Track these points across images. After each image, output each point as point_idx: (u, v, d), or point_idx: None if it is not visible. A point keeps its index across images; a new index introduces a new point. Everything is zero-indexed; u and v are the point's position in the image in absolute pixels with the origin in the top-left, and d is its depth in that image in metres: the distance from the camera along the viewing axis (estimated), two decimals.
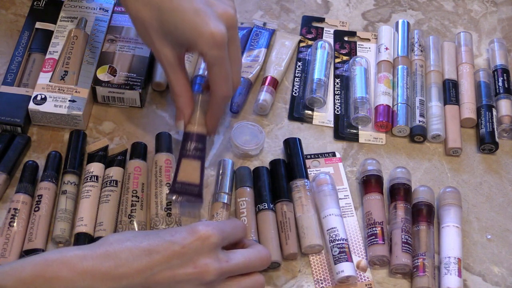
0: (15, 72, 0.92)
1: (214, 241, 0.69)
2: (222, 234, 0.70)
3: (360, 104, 0.94)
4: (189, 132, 0.85)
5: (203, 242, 0.68)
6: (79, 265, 0.64)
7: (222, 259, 0.69)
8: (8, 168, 0.85)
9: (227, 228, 0.73)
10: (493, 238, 0.87)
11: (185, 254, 0.67)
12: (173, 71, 0.82)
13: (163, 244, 0.67)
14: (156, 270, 0.66)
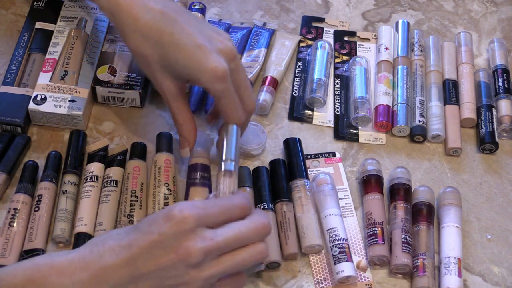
0: (15, 72, 0.92)
1: (191, 225, 0.65)
2: (203, 217, 0.67)
3: (360, 104, 0.94)
4: (195, 163, 0.86)
5: (179, 226, 0.65)
6: (67, 269, 0.65)
7: (206, 237, 0.66)
8: (8, 168, 0.85)
9: (213, 209, 0.69)
10: (493, 238, 0.87)
11: (164, 241, 0.65)
12: (175, 102, 0.83)
13: (141, 235, 0.65)
14: (139, 263, 0.65)
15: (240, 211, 0.71)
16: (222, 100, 0.80)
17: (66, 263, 0.65)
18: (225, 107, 0.81)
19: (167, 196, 0.84)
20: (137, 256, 0.65)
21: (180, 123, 0.84)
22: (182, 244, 0.65)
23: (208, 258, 0.67)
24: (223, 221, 0.70)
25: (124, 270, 0.65)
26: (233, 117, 0.82)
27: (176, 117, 0.84)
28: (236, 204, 0.71)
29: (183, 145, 0.85)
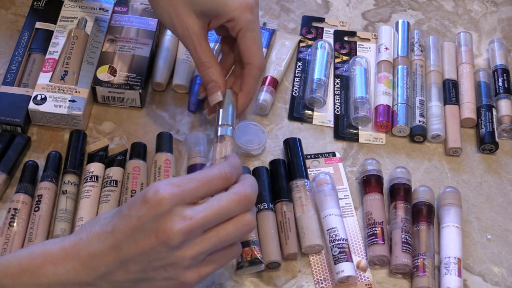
0: (15, 72, 0.92)
1: (167, 203, 0.63)
2: (178, 191, 0.64)
3: (360, 104, 0.94)
4: (195, 164, 0.86)
5: (156, 208, 0.63)
6: (60, 258, 0.64)
7: (185, 217, 0.63)
8: (8, 168, 0.85)
9: (191, 184, 0.65)
10: (493, 238, 0.87)
11: (143, 225, 0.63)
12: (199, 43, 0.80)
13: (123, 221, 0.64)
14: (124, 248, 0.64)
15: (222, 181, 0.67)
16: (248, 34, 0.78)
17: (59, 252, 0.65)
18: (250, 42, 0.79)
19: None
20: (120, 242, 0.64)
21: (208, 66, 0.80)
22: (160, 227, 0.63)
23: (190, 237, 0.64)
24: (204, 195, 0.66)
25: (111, 256, 0.64)
26: (257, 57, 0.80)
27: (202, 59, 0.80)
28: (216, 174, 0.67)
29: (214, 89, 0.80)
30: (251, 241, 0.81)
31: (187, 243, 0.64)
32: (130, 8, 0.99)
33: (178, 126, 0.93)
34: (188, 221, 0.64)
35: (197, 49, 0.80)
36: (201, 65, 0.81)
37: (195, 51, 0.81)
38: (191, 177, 0.67)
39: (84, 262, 0.64)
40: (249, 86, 0.83)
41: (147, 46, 0.95)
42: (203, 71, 0.81)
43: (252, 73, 0.82)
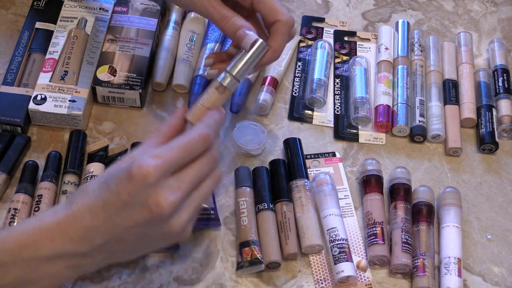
0: (15, 72, 0.92)
1: (153, 176, 0.64)
2: (161, 163, 0.65)
3: (360, 104, 0.94)
4: None
5: (143, 183, 0.64)
6: (57, 232, 0.65)
7: (172, 188, 0.65)
8: (8, 168, 0.85)
9: (172, 153, 0.66)
10: (493, 238, 0.87)
11: (134, 200, 0.64)
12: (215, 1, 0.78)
13: (112, 196, 0.65)
14: (117, 221, 0.65)
15: (201, 144, 0.69)
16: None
17: (54, 226, 0.66)
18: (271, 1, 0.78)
19: None
20: (113, 216, 0.65)
21: (231, 16, 0.77)
22: (152, 200, 0.64)
23: (181, 205, 0.66)
24: (186, 161, 0.68)
25: (106, 229, 0.65)
26: (282, 11, 0.78)
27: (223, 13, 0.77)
28: (195, 138, 0.68)
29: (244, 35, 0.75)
30: (251, 241, 0.81)
31: (178, 210, 0.66)
32: (130, 8, 0.99)
33: None
34: (176, 191, 0.65)
35: (213, 3, 0.78)
36: (223, 18, 0.78)
37: (212, 6, 0.78)
38: (171, 146, 0.67)
39: (80, 235, 0.65)
40: (278, 42, 0.80)
41: (147, 46, 0.95)
42: (226, 23, 0.77)
43: (282, 29, 0.79)
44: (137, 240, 0.67)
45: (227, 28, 0.78)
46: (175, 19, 1.00)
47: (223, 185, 0.88)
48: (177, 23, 1.00)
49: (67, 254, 0.66)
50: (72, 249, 0.66)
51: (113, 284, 0.80)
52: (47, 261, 0.66)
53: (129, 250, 0.69)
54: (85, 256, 0.67)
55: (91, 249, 0.66)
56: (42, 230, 0.66)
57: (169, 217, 0.66)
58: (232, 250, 0.83)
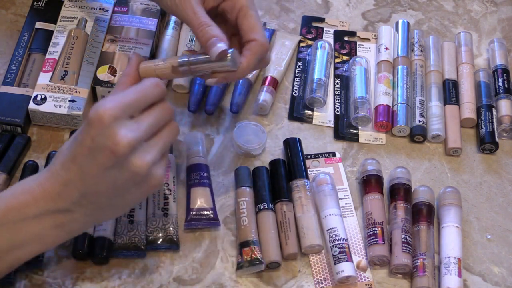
0: (15, 72, 0.92)
1: (109, 119, 0.66)
2: (119, 107, 0.67)
3: (360, 104, 0.94)
4: (193, 163, 0.86)
5: (100, 125, 0.66)
6: (39, 192, 0.69)
7: (129, 127, 0.67)
8: (8, 168, 0.85)
9: (127, 96, 0.69)
10: (493, 238, 0.87)
11: (96, 144, 0.66)
12: (198, 5, 0.78)
13: (78, 146, 0.68)
14: (88, 170, 0.67)
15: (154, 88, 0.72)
16: (250, 12, 0.79)
17: (37, 188, 0.69)
18: (254, 19, 0.79)
19: (167, 196, 0.84)
20: (82, 165, 0.68)
21: (208, 24, 0.77)
22: (110, 140, 0.66)
23: (138, 144, 0.68)
24: (142, 105, 0.70)
25: (79, 181, 0.68)
26: (261, 32, 0.79)
27: (201, 19, 0.77)
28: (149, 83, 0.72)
29: (216, 42, 0.75)
30: (251, 241, 0.81)
31: (139, 149, 0.68)
32: (130, 8, 0.99)
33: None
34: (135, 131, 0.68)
35: (195, 10, 0.78)
36: (200, 25, 0.77)
37: (193, 12, 0.78)
38: (125, 91, 0.71)
39: (59, 192, 0.68)
40: (248, 61, 0.78)
41: (147, 46, 0.95)
42: (202, 30, 0.77)
43: (256, 49, 0.79)
44: (111, 189, 0.69)
45: (201, 35, 0.77)
46: (175, 19, 1.00)
47: (223, 185, 0.88)
48: (177, 23, 1.00)
49: (50, 211, 0.69)
50: (54, 206, 0.68)
51: (113, 284, 0.80)
52: (33, 221, 0.69)
53: (108, 204, 0.70)
54: (67, 212, 0.69)
55: (71, 204, 0.69)
56: (25, 192, 0.69)
57: (130, 156, 0.67)
58: (232, 250, 0.83)
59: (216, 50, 0.75)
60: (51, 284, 0.79)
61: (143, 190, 0.70)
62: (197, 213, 0.83)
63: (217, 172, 0.89)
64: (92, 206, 0.69)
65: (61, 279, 0.80)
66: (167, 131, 0.72)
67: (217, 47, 0.75)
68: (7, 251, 0.69)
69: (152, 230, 0.82)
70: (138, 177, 0.68)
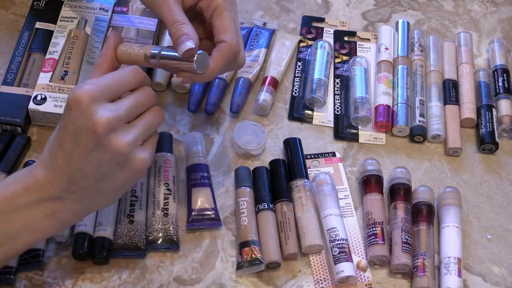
0: (15, 72, 0.92)
1: (88, 100, 0.67)
2: (97, 89, 0.68)
3: (360, 104, 0.94)
4: (193, 163, 0.86)
5: (78, 107, 0.67)
6: (30, 182, 0.70)
7: (107, 108, 0.68)
8: (8, 168, 0.85)
9: (105, 80, 0.71)
10: (493, 238, 0.87)
11: (77, 127, 0.68)
12: (174, 3, 0.78)
13: (61, 132, 0.69)
14: (72, 155, 0.68)
15: (133, 75, 0.73)
16: (225, 13, 0.78)
17: (28, 178, 0.70)
18: (228, 20, 0.78)
19: (167, 196, 0.84)
20: (68, 150, 0.69)
21: (182, 22, 0.76)
22: (90, 121, 0.67)
23: (119, 125, 0.69)
24: (120, 89, 0.72)
25: (65, 165, 0.69)
26: (232, 34, 0.77)
27: (176, 17, 0.76)
28: (128, 69, 0.73)
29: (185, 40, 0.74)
30: (251, 241, 0.81)
31: (119, 129, 0.69)
32: (130, 8, 0.99)
33: (178, 126, 0.93)
34: (113, 110, 0.69)
35: (171, 7, 0.77)
36: (174, 23, 0.76)
37: (168, 9, 0.77)
38: (105, 76, 0.72)
39: (49, 179, 0.69)
40: (216, 63, 0.77)
41: None
42: (175, 27, 0.76)
43: (224, 51, 0.77)
44: (96, 172, 0.69)
45: (173, 32, 0.76)
46: None
47: (223, 185, 0.88)
48: None
49: (41, 200, 0.69)
50: (44, 195, 0.69)
51: (113, 284, 0.80)
52: (24, 210, 0.69)
53: (97, 189, 0.71)
54: (58, 200, 0.70)
55: (61, 191, 0.69)
56: (17, 182, 0.70)
57: (110, 135, 0.68)
58: (232, 250, 0.83)
59: (183, 47, 0.74)
60: (51, 284, 0.79)
61: (128, 173, 0.71)
62: (199, 214, 0.83)
63: (217, 172, 0.89)
64: (81, 192, 0.70)
65: (61, 279, 0.80)
66: (149, 114, 0.73)
67: (185, 45, 0.74)
68: (0, 242, 0.70)
69: (152, 230, 0.82)
70: (120, 157, 0.69)
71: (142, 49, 0.77)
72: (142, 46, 0.77)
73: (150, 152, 0.72)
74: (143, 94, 0.73)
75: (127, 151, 0.69)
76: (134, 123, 0.71)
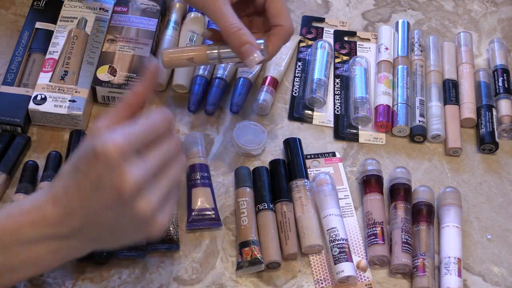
0: (15, 72, 0.92)
1: (117, 153, 0.63)
2: (127, 142, 0.65)
3: (360, 104, 0.94)
4: (194, 163, 0.86)
5: (108, 161, 0.64)
6: (37, 217, 0.66)
7: (139, 164, 0.65)
8: (8, 168, 0.85)
9: (134, 130, 0.66)
10: (493, 238, 0.87)
11: (101, 180, 0.64)
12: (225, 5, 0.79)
13: (82, 177, 0.65)
14: (91, 203, 0.65)
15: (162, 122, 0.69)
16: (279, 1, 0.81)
17: (34, 211, 0.66)
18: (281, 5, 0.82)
19: None
20: (87, 197, 0.65)
21: (238, 27, 0.79)
22: (117, 178, 0.64)
23: (145, 185, 0.66)
24: (150, 139, 0.68)
25: (81, 211, 0.66)
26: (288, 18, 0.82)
27: (230, 21, 0.78)
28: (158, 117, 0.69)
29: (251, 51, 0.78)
30: (251, 241, 0.81)
31: (145, 190, 0.66)
32: (130, 8, 0.99)
33: (178, 126, 0.93)
34: (142, 167, 0.65)
35: (223, 10, 0.79)
36: (230, 27, 0.79)
37: (221, 13, 0.79)
38: (134, 125, 0.67)
39: (59, 219, 0.66)
40: (274, 46, 0.83)
41: (147, 46, 0.95)
42: (233, 34, 0.79)
43: (281, 34, 0.83)
44: (113, 224, 0.67)
45: (232, 38, 0.79)
46: (175, 19, 1.00)
47: (223, 185, 0.88)
48: (177, 23, 1.00)
49: (48, 237, 0.66)
50: (52, 232, 0.66)
51: (113, 284, 0.80)
52: (29, 245, 0.66)
53: (108, 237, 0.68)
54: (65, 239, 0.67)
55: (70, 231, 0.66)
56: (23, 214, 0.66)
57: (136, 195, 0.65)
58: (232, 250, 0.83)
59: (253, 60, 0.78)
60: (51, 284, 0.79)
61: (144, 233, 0.68)
62: (199, 214, 0.83)
63: (217, 172, 0.89)
64: (91, 236, 0.67)
65: (61, 279, 0.80)
66: (174, 168, 0.69)
67: (253, 58, 0.78)
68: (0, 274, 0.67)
69: None
70: (141, 219, 0.66)
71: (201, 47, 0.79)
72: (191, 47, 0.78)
73: (169, 214, 0.69)
74: (170, 145, 0.69)
75: (149, 216, 0.66)
76: (160, 181, 0.67)
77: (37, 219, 0.66)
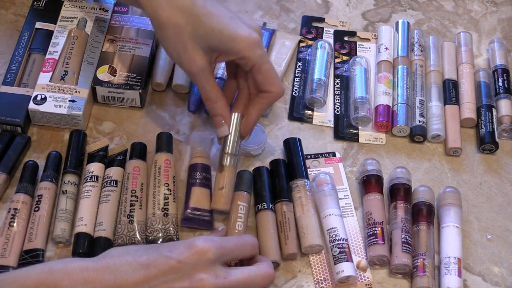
0: (15, 72, 0.92)
1: (211, 256, 0.69)
2: (221, 250, 0.70)
3: (360, 104, 0.94)
4: (196, 163, 0.86)
5: (200, 257, 0.68)
6: (80, 276, 0.66)
7: (220, 275, 0.69)
8: (8, 168, 0.85)
9: (229, 243, 0.73)
10: (493, 238, 0.87)
11: (181, 268, 0.67)
12: (206, 78, 0.82)
13: (161, 258, 0.68)
14: (152, 284, 0.67)
15: (251, 248, 0.75)
16: (264, 66, 0.81)
17: (80, 271, 0.66)
18: (268, 73, 0.81)
19: (167, 196, 0.84)
20: (152, 277, 0.67)
21: (214, 100, 0.83)
22: (198, 274, 0.67)
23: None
24: (237, 257, 0.75)
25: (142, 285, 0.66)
26: (276, 86, 0.82)
27: (209, 94, 0.83)
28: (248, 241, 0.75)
29: (219, 124, 0.84)
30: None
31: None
32: (130, 8, 0.99)
33: (178, 126, 0.93)
34: (222, 279, 0.69)
35: (204, 84, 0.82)
36: (208, 100, 0.83)
37: (202, 86, 0.83)
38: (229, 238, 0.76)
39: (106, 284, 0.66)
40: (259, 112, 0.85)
41: (147, 46, 0.95)
42: (209, 105, 0.84)
43: (271, 99, 0.84)
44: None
45: (209, 108, 0.85)
46: None
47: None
48: None
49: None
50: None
51: None
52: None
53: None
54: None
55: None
56: (66, 271, 0.66)
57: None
58: None
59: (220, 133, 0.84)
60: None
61: None
62: (193, 213, 0.83)
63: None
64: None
65: None
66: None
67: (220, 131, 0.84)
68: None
69: (152, 230, 0.82)
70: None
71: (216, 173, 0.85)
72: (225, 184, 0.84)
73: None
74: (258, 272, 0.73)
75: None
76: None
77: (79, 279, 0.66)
